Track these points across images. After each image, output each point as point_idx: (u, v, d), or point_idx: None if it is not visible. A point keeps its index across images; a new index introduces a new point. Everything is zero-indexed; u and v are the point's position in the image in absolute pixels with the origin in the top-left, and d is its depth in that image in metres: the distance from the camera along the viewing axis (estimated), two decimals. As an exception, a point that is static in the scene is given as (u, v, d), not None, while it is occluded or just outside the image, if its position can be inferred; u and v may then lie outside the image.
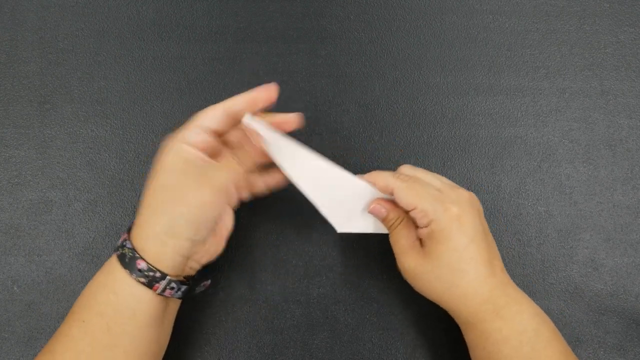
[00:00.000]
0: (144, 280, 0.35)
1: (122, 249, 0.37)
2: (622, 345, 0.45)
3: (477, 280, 0.37)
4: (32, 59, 0.51)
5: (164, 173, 0.37)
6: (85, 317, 0.36)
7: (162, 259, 0.36)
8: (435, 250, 0.37)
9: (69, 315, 0.37)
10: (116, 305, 0.36)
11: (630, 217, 0.48)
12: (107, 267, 0.37)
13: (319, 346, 0.45)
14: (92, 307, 0.36)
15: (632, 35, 0.53)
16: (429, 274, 0.38)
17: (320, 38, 0.53)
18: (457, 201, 0.38)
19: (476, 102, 0.51)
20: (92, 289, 0.37)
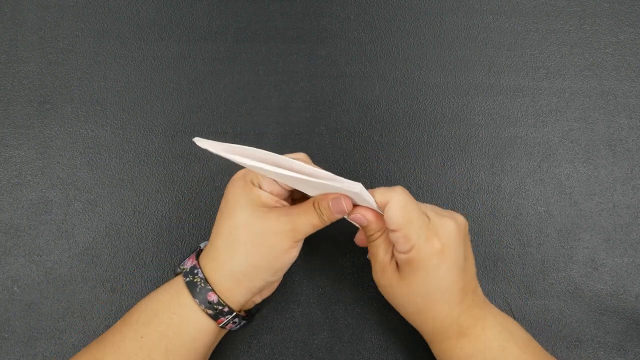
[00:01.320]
0: (210, 312, 0.36)
1: (192, 275, 0.37)
2: (622, 345, 0.45)
3: (447, 306, 0.37)
4: (32, 59, 0.51)
5: (242, 212, 0.36)
6: (144, 333, 0.36)
7: (233, 295, 0.37)
8: (411, 277, 0.37)
9: (122, 326, 0.37)
10: (178, 329, 0.36)
11: (630, 217, 0.48)
12: (172, 289, 0.37)
13: (319, 346, 0.45)
14: (152, 325, 0.36)
15: (632, 35, 0.53)
16: (400, 296, 0.38)
17: (320, 38, 0.53)
18: (441, 233, 0.36)
19: (476, 102, 0.51)
20: (154, 307, 0.37)
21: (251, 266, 0.36)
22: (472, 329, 0.37)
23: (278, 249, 0.36)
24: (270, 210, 0.37)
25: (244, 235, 0.36)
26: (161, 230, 0.47)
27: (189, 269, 0.37)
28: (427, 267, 0.36)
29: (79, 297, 0.46)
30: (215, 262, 0.37)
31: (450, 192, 0.49)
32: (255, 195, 0.37)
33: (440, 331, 0.38)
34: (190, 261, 0.38)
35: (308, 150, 0.49)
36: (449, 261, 0.36)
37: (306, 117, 0.51)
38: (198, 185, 0.48)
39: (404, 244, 0.36)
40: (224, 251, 0.37)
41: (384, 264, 0.38)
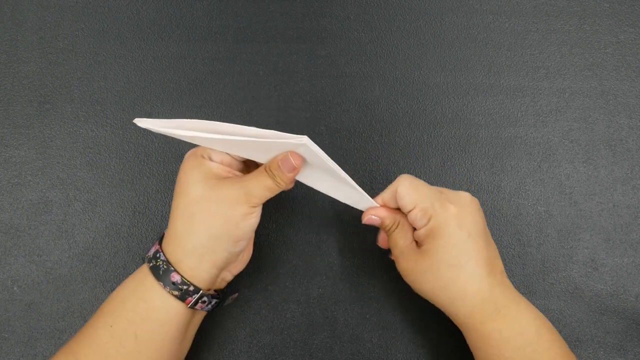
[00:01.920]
0: (176, 293, 0.36)
1: (155, 260, 0.37)
2: (622, 345, 0.45)
3: (475, 277, 0.36)
4: (32, 59, 0.51)
5: (195, 187, 0.36)
6: (113, 322, 0.36)
7: (198, 273, 0.36)
8: (433, 247, 0.37)
9: (94, 318, 0.37)
10: (146, 314, 0.36)
11: (630, 217, 0.48)
12: (138, 275, 0.37)
13: (319, 346, 0.45)
14: (120, 313, 0.36)
15: (632, 35, 0.53)
16: (426, 273, 0.38)
17: (320, 38, 0.53)
18: (456, 201, 0.38)
19: (476, 102, 0.51)
20: (121, 294, 0.37)
21: (211, 238, 0.36)
22: (508, 309, 0.36)
23: (235, 215, 0.36)
24: (222, 180, 0.37)
25: (199, 208, 0.36)
26: (161, 230, 0.47)
27: (152, 254, 0.37)
28: (446, 231, 0.37)
29: (79, 297, 0.46)
30: (176, 241, 0.37)
31: (450, 192, 0.49)
32: (206, 168, 0.37)
33: (473, 312, 0.37)
34: (154, 247, 0.38)
35: (308, 150, 0.49)
36: (467, 224, 0.37)
37: (306, 117, 0.51)
38: (198, 185, 0.48)
39: (422, 217, 0.37)
40: (182, 229, 0.36)
41: (404, 248, 0.39)
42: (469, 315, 0.37)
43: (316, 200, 0.48)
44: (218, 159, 0.37)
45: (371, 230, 0.47)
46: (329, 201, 0.48)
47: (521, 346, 0.36)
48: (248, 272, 0.46)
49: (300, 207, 0.48)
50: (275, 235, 0.47)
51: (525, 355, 0.36)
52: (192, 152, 0.38)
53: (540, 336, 0.36)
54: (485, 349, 0.37)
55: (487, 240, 0.38)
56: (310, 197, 0.48)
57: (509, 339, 0.36)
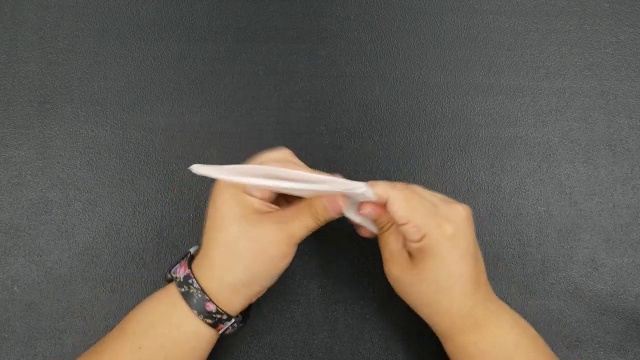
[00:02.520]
0: (210, 321, 0.36)
1: (187, 286, 0.36)
2: (622, 345, 0.45)
3: (460, 297, 0.37)
4: (32, 59, 0.51)
5: (236, 222, 0.36)
6: (142, 344, 0.35)
7: (232, 304, 0.36)
8: (424, 265, 0.36)
9: (119, 336, 0.36)
10: (177, 339, 0.36)
11: (630, 217, 0.48)
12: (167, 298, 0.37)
13: (319, 346, 0.45)
14: (151, 336, 0.36)
15: (632, 35, 0.53)
16: (412, 286, 0.38)
17: (320, 38, 0.53)
18: (451, 219, 0.36)
19: (476, 102, 0.51)
20: (150, 318, 0.36)
21: (249, 275, 0.36)
22: (486, 322, 0.37)
23: (276, 256, 0.36)
24: (263, 217, 0.36)
25: (241, 247, 0.36)
26: (161, 230, 0.47)
27: (183, 278, 0.36)
28: (440, 253, 0.36)
29: (79, 297, 0.46)
30: (212, 273, 0.36)
31: (450, 192, 0.49)
32: (247, 204, 0.36)
33: (454, 324, 0.37)
34: (182, 269, 0.37)
35: (308, 150, 0.49)
36: (461, 246, 0.36)
37: (306, 117, 0.51)
38: (198, 185, 0.48)
39: (415, 233, 0.36)
40: (220, 263, 0.36)
41: (395, 253, 0.38)
42: (448, 328, 0.38)
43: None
44: (259, 194, 0.36)
45: (371, 230, 0.47)
46: (329, 201, 0.48)
47: (497, 358, 0.36)
48: (248, 272, 0.47)
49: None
50: (275, 235, 0.47)
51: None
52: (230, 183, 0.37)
53: (517, 347, 0.36)
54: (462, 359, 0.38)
55: (476, 257, 0.38)
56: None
57: (485, 352, 0.36)
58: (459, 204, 0.38)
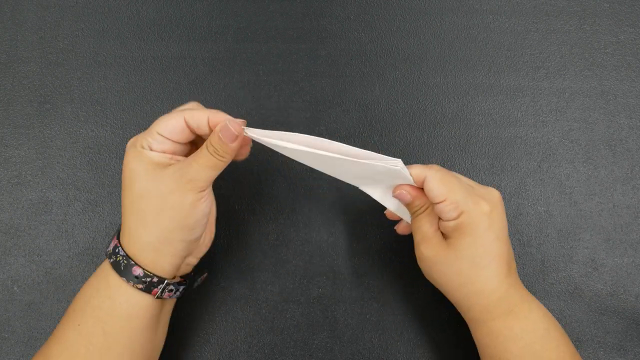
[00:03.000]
0: (141, 286, 0.35)
1: (115, 255, 0.36)
2: (622, 345, 0.45)
3: (495, 277, 0.37)
4: (32, 59, 0.51)
5: (138, 181, 0.35)
6: (80, 321, 0.36)
7: (159, 264, 0.36)
8: (460, 243, 0.36)
9: (63, 319, 0.37)
10: (112, 310, 0.35)
11: (630, 217, 0.48)
12: (101, 272, 0.37)
13: (319, 346, 0.45)
14: (86, 311, 0.36)
15: (632, 35, 0.53)
16: (447, 266, 0.37)
17: (320, 38, 0.53)
18: (488, 198, 0.37)
19: (476, 102, 0.51)
20: (86, 293, 0.37)
21: (164, 232, 0.35)
22: (520, 307, 0.37)
23: (183, 206, 0.35)
24: (164, 169, 0.35)
25: (146, 204, 0.35)
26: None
27: (112, 249, 0.36)
28: (477, 230, 0.36)
29: (79, 297, 0.46)
30: (130, 237, 0.36)
31: (450, 192, 0.49)
32: (146, 159, 0.35)
33: (489, 306, 0.37)
34: (112, 242, 0.37)
35: (308, 150, 0.49)
36: (497, 225, 0.37)
37: (306, 117, 0.51)
38: (198, 185, 0.48)
39: (452, 210, 0.36)
40: (134, 225, 0.36)
41: (429, 235, 0.39)
42: (482, 311, 0.37)
43: (316, 200, 0.48)
44: (159, 147, 0.36)
45: (372, 230, 0.47)
46: (329, 201, 0.48)
47: (530, 343, 0.36)
48: (248, 272, 0.46)
49: (300, 206, 0.48)
50: (275, 235, 0.47)
51: (534, 352, 0.36)
52: (132, 143, 0.36)
53: (548, 334, 0.37)
54: (494, 345, 0.37)
55: (508, 241, 0.38)
56: (310, 197, 0.48)
57: (518, 336, 0.36)
58: (490, 187, 0.39)
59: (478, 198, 0.37)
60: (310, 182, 0.48)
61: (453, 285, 0.38)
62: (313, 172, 0.48)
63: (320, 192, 0.48)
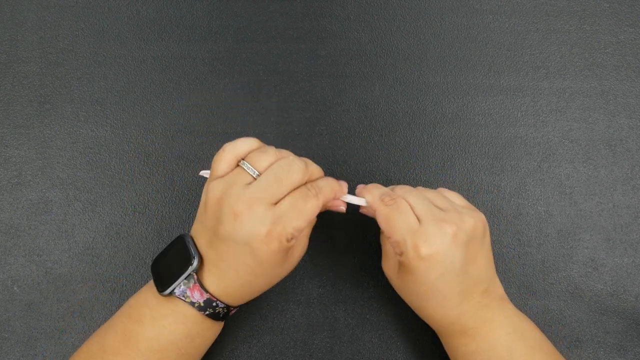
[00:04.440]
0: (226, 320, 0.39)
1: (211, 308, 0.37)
2: (622, 345, 0.45)
3: (443, 308, 0.38)
4: (32, 59, 0.51)
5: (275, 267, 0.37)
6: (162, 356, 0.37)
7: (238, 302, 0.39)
8: (405, 278, 0.38)
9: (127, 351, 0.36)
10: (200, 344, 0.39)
11: (630, 217, 0.48)
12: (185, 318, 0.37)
13: (319, 346, 0.45)
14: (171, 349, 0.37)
15: (632, 35, 0.53)
16: (400, 290, 0.40)
17: (320, 38, 0.53)
18: (431, 239, 0.35)
19: (476, 102, 0.51)
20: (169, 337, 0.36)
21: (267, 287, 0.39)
22: (476, 329, 0.37)
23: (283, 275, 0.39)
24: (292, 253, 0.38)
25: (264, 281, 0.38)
26: (161, 230, 0.47)
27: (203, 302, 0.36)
28: (415, 272, 0.36)
29: (79, 297, 0.46)
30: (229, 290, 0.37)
31: (450, 192, 0.49)
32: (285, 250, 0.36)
33: (441, 328, 0.39)
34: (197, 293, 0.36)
35: (308, 150, 0.49)
36: (438, 267, 0.36)
37: (306, 117, 0.51)
38: (198, 185, 0.48)
39: (396, 248, 0.37)
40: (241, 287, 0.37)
41: (388, 255, 0.41)
42: (438, 328, 0.40)
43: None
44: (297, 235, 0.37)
45: (372, 230, 0.47)
46: (329, 201, 0.48)
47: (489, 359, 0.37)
48: (248, 272, 0.47)
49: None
50: (275, 235, 0.47)
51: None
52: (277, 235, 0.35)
53: (511, 352, 0.37)
54: (454, 356, 0.40)
55: (463, 272, 0.37)
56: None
57: (475, 352, 0.37)
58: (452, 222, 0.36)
59: (420, 240, 0.35)
60: (310, 182, 0.48)
61: (408, 303, 0.41)
62: (313, 172, 0.48)
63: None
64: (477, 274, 0.37)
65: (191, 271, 0.36)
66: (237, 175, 0.36)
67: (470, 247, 0.37)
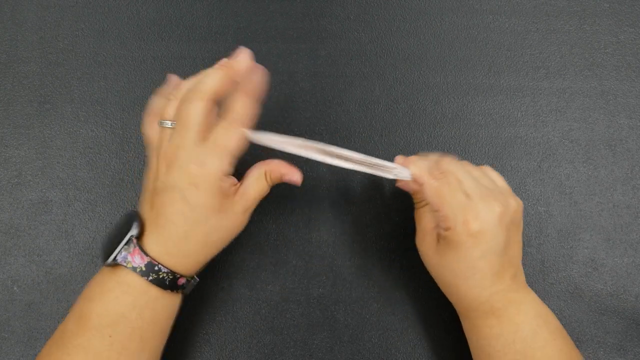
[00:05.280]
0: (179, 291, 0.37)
1: (154, 273, 0.35)
2: (622, 345, 0.45)
3: (477, 287, 0.38)
4: (32, 59, 0.51)
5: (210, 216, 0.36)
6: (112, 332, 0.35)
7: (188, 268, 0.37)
8: (446, 253, 0.38)
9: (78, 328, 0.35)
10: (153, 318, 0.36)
11: (630, 217, 0.48)
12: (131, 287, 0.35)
13: (319, 346, 0.45)
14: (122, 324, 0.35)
15: (632, 35, 0.53)
16: (435, 266, 0.40)
17: (320, 38, 0.53)
18: (480, 216, 0.36)
19: (476, 102, 0.51)
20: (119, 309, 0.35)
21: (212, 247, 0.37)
22: (504, 310, 0.37)
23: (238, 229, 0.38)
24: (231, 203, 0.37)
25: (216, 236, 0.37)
26: (161, 230, 0.47)
27: (145, 266, 0.35)
28: (461, 248, 0.37)
29: (79, 297, 0.46)
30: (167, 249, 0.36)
31: (450, 192, 0.49)
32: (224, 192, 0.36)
33: (470, 307, 0.39)
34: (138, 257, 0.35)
35: (308, 150, 0.49)
36: (484, 245, 0.36)
37: (306, 117, 0.51)
38: (198, 185, 0.48)
39: (443, 222, 0.37)
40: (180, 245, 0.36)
41: (425, 231, 0.40)
42: (467, 308, 0.39)
43: (317, 200, 0.48)
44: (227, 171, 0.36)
45: (372, 229, 0.47)
46: (329, 201, 0.48)
47: (512, 342, 0.37)
48: (248, 272, 0.46)
49: (300, 207, 0.48)
50: (275, 235, 0.47)
51: (516, 350, 0.37)
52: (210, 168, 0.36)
53: (535, 335, 0.37)
54: (477, 339, 0.39)
55: (503, 253, 0.37)
56: (310, 197, 0.48)
57: (500, 335, 0.37)
58: (498, 200, 0.37)
59: (469, 216, 0.36)
60: (310, 182, 0.48)
61: (441, 281, 0.41)
62: (313, 173, 0.48)
63: (320, 192, 0.48)
64: (512, 258, 0.38)
65: (130, 236, 0.35)
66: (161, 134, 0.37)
67: (511, 230, 0.38)
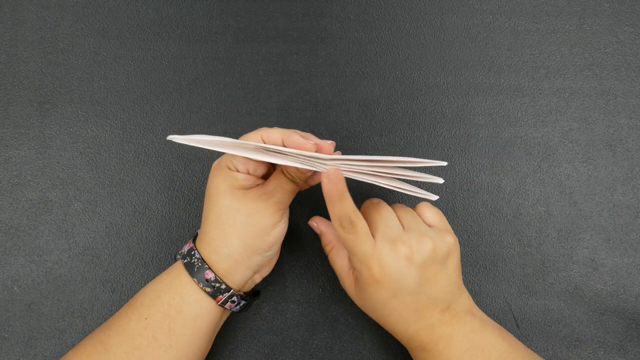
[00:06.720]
0: (209, 289, 0.37)
1: (189, 257, 0.38)
2: (622, 345, 0.45)
3: (400, 324, 0.39)
4: (32, 59, 0.51)
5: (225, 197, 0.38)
6: (147, 314, 0.37)
7: (231, 275, 0.38)
8: (363, 294, 0.39)
9: (126, 309, 0.38)
10: (180, 308, 0.37)
11: (630, 217, 0.48)
12: (173, 271, 0.39)
13: (319, 346, 0.45)
14: (155, 305, 0.37)
15: (632, 35, 0.53)
16: (361, 305, 0.41)
17: (320, 38, 0.53)
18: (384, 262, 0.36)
19: (476, 102, 0.51)
20: (156, 288, 0.38)
21: (245, 246, 0.38)
22: (434, 345, 0.38)
23: (267, 225, 0.38)
24: (248, 190, 0.38)
25: (233, 218, 0.37)
26: (161, 230, 0.47)
27: (187, 251, 0.39)
28: (371, 290, 0.38)
29: (79, 297, 0.46)
30: (210, 246, 0.38)
31: (450, 192, 0.49)
32: (233, 180, 0.38)
33: (403, 340, 0.40)
34: (187, 245, 0.39)
35: (308, 150, 0.49)
36: (392, 286, 0.37)
37: (306, 117, 0.51)
38: (198, 185, 0.48)
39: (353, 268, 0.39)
40: (215, 236, 0.38)
41: (342, 274, 0.41)
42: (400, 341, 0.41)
43: (317, 200, 0.48)
44: (243, 169, 0.38)
45: (371, 230, 0.47)
46: (329, 201, 0.48)
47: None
48: (248, 272, 0.46)
49: (301, 206, 0.48)
50: (275, 235, 0.47)
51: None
52: (218, 163, 0.39)
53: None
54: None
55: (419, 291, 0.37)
56: (310, 197, 0.48)
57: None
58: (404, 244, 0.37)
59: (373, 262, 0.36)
60: (310, 182, 0.48)
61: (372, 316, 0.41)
62: (313, 172, 0.48)
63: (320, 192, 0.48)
64: (435, 293, 0.38)
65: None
66: None
67: (428, 268, 0.37)
